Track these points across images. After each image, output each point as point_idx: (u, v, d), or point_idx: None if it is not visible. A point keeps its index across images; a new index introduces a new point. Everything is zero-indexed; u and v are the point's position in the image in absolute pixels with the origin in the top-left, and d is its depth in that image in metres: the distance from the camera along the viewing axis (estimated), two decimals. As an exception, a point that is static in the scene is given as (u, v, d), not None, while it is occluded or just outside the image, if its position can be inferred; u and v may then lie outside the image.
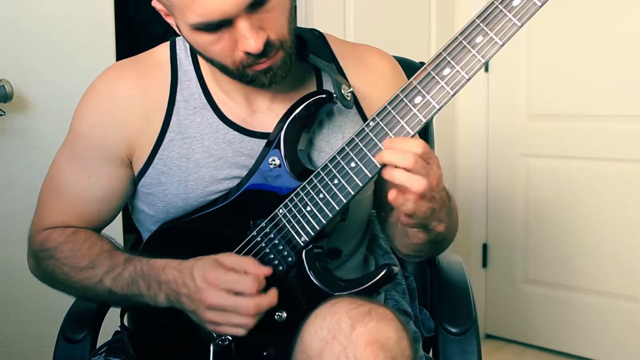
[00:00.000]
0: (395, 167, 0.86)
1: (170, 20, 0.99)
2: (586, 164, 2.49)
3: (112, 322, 1.22)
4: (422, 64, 1.39)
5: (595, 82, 2.44)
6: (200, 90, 1.06)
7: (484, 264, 2.82)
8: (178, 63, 1.07)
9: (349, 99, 1.00)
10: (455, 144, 2.82)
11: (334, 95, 1.00)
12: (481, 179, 2.79)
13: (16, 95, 1.60)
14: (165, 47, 1.09)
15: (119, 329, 1.24)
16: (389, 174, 0.87)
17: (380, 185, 1.10)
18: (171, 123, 1.04)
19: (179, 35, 1.06)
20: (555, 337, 2.63)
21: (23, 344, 1.69)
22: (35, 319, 1.69)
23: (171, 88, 1.05)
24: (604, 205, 2.46)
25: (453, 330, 1.10)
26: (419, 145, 0.86)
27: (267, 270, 0.92)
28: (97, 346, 1.16)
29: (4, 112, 1.59)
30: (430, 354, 1.19)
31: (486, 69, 2.72)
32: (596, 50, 2.43)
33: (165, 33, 1.22)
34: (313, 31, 1.13)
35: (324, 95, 1.00)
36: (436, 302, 1.20)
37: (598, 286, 2.51)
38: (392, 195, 0.88)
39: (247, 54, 0.92)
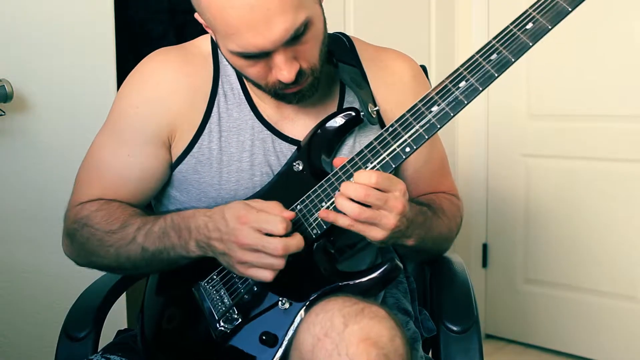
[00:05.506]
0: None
1: (210, 32, 1.03)
2: (586, 164, 2.50)
3: (114, 320, 1.22)
4: (423, 67, 1.41)
5: (595, 82, 2.44)
6: (239, 86, 1.09)
7: (484, 264, 2.82)
8: (219, 57, 1.10)
9: (374, 116, 1.07)
10: (455, 144, 2.82)
11: (362, 113, 1.06)
12: (481, 179, 2.79)
13: (16, 95, 1.60)
14: (206, 39, 1.12)
15: (121, 329, 1.24)
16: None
17: None
18: (212, 114, 1.07)
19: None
20: (555, 337, 2.63)
21: (23, 344, 1.68)
22: (35, 319, 1.69)
23: (214, 80, 1.09)
24: (604, 205, 2.47)
25: (454, 328, 1.10)
26: (370, 176, 0.92)
27: (289, 214, 0.95)
28: (100, 344, 1.16)
29: (4, 112, 1.59)
30: (430, 355, 1.19)
31: (486, 69, 2.72)
32: (596, 51, 2.44)
33: (165, 33, 1.22)
34: (340, 36, 1.17)
35: (353, 114, 1.06)
36: (437, 301, 1.20)
37: (598, 286, 2.51)
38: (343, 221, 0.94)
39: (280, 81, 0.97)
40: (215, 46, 1.11)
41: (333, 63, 1.10)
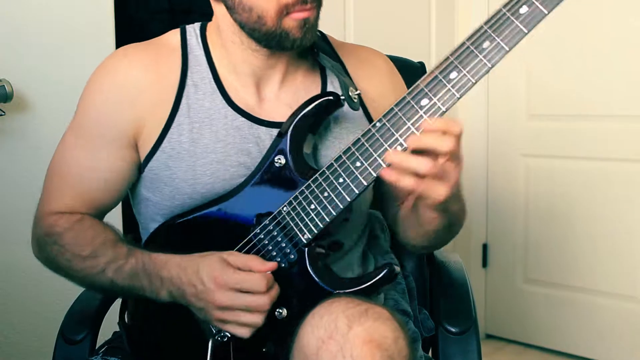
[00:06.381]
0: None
1: None
2: (586, 164, 2.49)
3: (112, 322, 1.22)
4: (421, 63, 1.40)
5: (595, 82, 2.44)
6: (211, 75, 1.07)
7: (484, 264, 2.82)
8: (189, 48, 1.08)
9: (356, 100, 1.03)
10: (455, 144, 2.81)
11: (342, 98, 1.01)
12: (481, 179, 2.79)
13: (16, 95, 1.60)
14: (175, 33, 1.11)
15: (117, 330, 1.24)
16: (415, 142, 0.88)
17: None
18: (180, 106, 1.05)
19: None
20: (555, 337, 2.63)
21: (23, 344, 1.69)
22: (35, 319, 1.69)
23: (182, 72, 1.06)
24: (604, 205, 2.46)
25: (453, 330, 1.10)
26: (456, 124, 0.89)
27: (272, 265, 0.93)
28: (97, 345, 1.16)
29: (4, 112, 1.59)
30: (430, 354, 1.19)
31: (486, 69, 2.72)
32: (596, 50, 2.43)
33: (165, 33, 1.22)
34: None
35: (331, 97, 1.01)
36: (436, 302, 1.20)
37: (598, 286, 2.51)
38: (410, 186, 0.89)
39: None
40: (184, 38, 1.09)
41: (313, 51, 1.08)
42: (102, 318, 1.20)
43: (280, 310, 0.95)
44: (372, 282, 0.94)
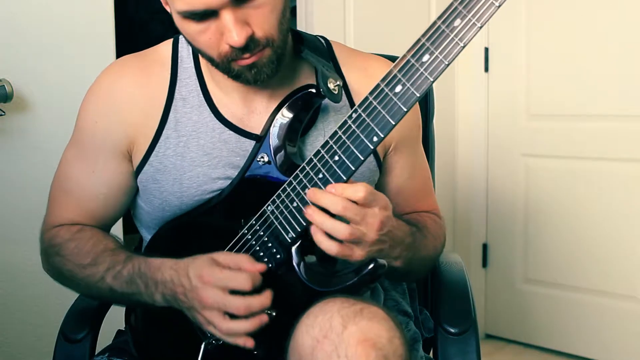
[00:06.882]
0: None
1: (167, 9, 0.99)
2: (586, 164, 2.50)
3: (112, 321, 1.22)
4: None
5: (595, 82, 2.44)
6: (199, 88, 1.06)
7: (484, 264, 2.82)
8: (179, 60, 1.08)
9: (336, 92, 0.98)
10: (455, 144, 2.82)
11: (321, 90, 0.98)
12: (481, 179, 2.79)
13: (16, 95, 1.60)
14: (168, 44, 1.10)
15: (121, 329, 1.24)
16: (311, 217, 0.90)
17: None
18: (168, 120, 1.05)
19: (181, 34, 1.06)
20: (555, 337, 2.64)
21: (23, 344, 1.69)
22: (35, 319, 1.69)
23: (170, 85, 1.06)
24: (604, 205, 2.47)
25: (452, 330, 1.09)
26: (357, 190, 0.88)
27: (261, 267, 0.93)
28: (98, 346, 1.16)
29: (4, 112, 1.59)
30: (431, 354, 1.19)
31: (486, 69, 2.72)
32: (596, 50, 2.43)
33: (165, 33, 1.22)
34: (318, 37, 1.13)
35: (313, 90, 0.99)
36: (435, 302, 1.19)
37: (598, 286, 2.51)
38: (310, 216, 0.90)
39: (231, 47, 0.92)
40: (176, 50, 1.08)
41: (299, 49, 1.04)
42: (102, 317, 1.20)
43: (270, 312, 0.94)
44: (358, 277, 0.91)
